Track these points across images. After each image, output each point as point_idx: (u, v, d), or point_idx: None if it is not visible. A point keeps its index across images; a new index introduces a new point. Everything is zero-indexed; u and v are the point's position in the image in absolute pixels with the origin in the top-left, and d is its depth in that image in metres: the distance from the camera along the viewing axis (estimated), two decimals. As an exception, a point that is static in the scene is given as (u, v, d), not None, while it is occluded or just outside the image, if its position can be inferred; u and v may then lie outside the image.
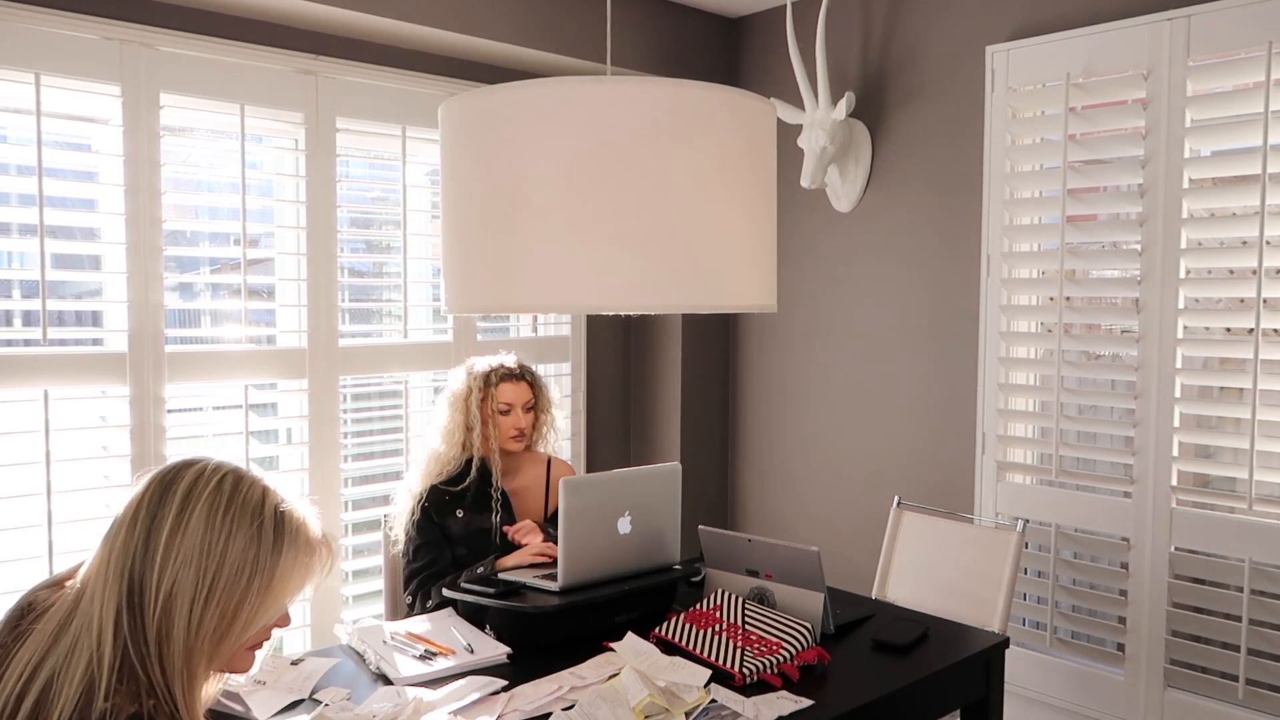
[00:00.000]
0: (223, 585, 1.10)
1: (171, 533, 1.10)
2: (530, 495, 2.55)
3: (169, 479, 1.14)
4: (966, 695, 2.07)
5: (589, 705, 1.62)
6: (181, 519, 1.11)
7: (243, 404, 2.73)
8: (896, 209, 3.19)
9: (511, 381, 2.48)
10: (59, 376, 2.45)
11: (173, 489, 1.13)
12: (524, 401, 2.48)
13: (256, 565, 1.12)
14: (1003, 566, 2.53)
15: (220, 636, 1.12)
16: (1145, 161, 2.57)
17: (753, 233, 1.73)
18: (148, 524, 1.11)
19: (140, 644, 1.07)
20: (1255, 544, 2.43)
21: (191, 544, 1.10)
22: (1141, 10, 2.58)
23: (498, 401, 2.45)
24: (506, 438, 2.46)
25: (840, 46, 3.29)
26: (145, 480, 1.16)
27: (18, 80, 2.37)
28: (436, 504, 2.41)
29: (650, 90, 1.60)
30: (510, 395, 2.46)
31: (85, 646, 1.06)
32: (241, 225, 2.71)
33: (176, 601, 1.08)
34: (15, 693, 1.05)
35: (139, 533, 1.11)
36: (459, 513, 2.41)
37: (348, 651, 1.99)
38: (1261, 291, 2.38)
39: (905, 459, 3.20)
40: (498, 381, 2.47)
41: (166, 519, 1.11)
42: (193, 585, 1.09)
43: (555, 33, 3.11)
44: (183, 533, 1.10)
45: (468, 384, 2.47)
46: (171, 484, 1.14)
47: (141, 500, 1.13)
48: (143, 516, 1.12)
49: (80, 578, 1.14)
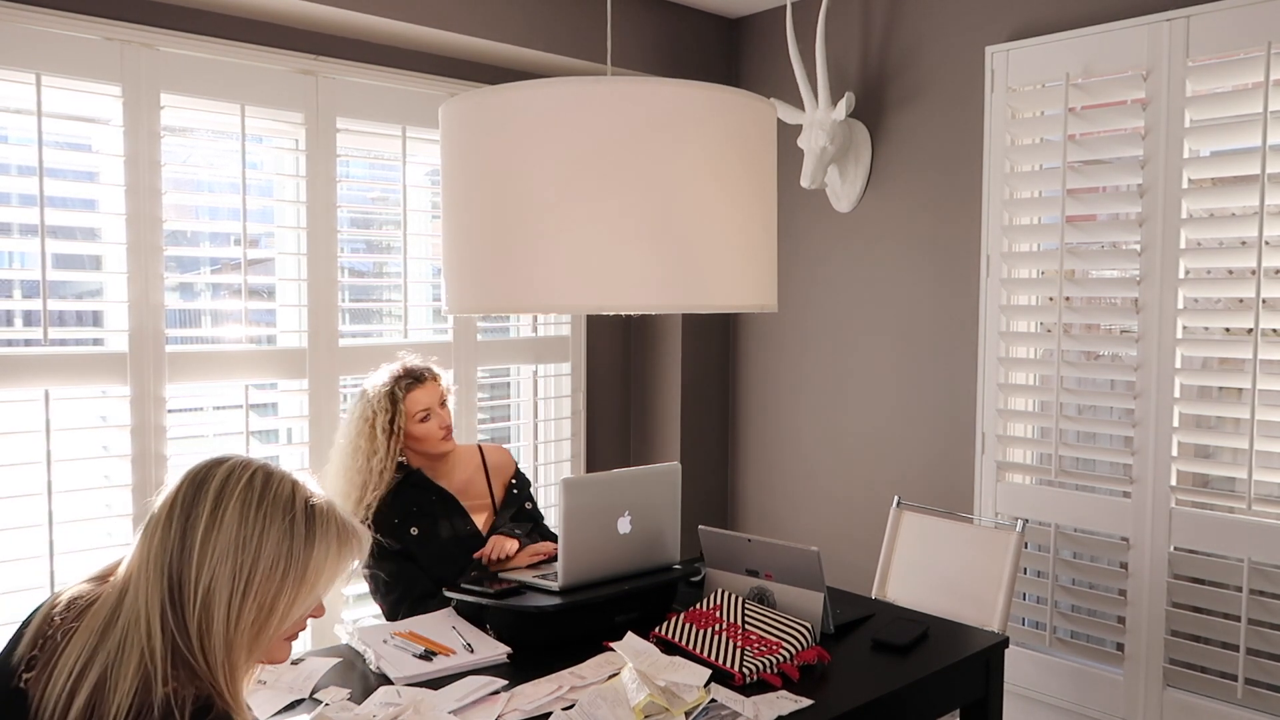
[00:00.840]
0: (259, 579, 1.13)
1: (207, 530, 1.13)
2: (470, 487, 2.47)
3: (201, 477, 1.17)
4: (966, 695, 2.07)
5: (589, 705, 1.62)
6: (216, 516, 1.14)
7: (243, 404, 2.73)
8: (896, 209, 3.19)
9: (419, 387, 2.35)
10: (59, 376, 2.45)
11: (205, 487, 1.16)
12: (438, 400, 2.37)
13: (291, 558, 1.15)
14: (1002, 566, 2.53)
15: (259, 628, 1.14)
16: (1145, 162, 2.57)
17: (753, 233, 1.73)
18: (183, 522, 1.14)
19: (184, 637, 1.10)
20: (1254, 544, 2.43)
21: (227, 540, 1.13)
22: (1141, 10, 2.59)
23: (413, 414, 2.32)
24: (436, 440, 2.35)
25: (840, 46, 3.29)
26: (178, 479, 1.19)
27: (18, 80, 2.37)
28: (386, 528, 2.29)
29: (650, 90, 1.60)
30: (424, 400, 2.34)
31: (135, 641, 1.09)
32: (242, 225, 2.71)
33: (215, 597, 1.11)
34: (67, 690, 1.07)
35: (175, 530, 1.14)
36: (412, 530, 2.32)
37: (348, 651, 2.00)
38: (1260, 291, 2.39)
39: (905, 459, 3.20)
40: (405, 392, 2.33)
41: (201, 516, 1.14)
42: (230, 580, 1.12)
43: (555, 33, 3.11)
44: (218, 529, 1.13)
45: (368, 412, 2.31)
46: (204, 482, 1.16)
47: (175, 498, 1.16)
48: (178, 515, 1.15)
49: (121, 574, 1.17)
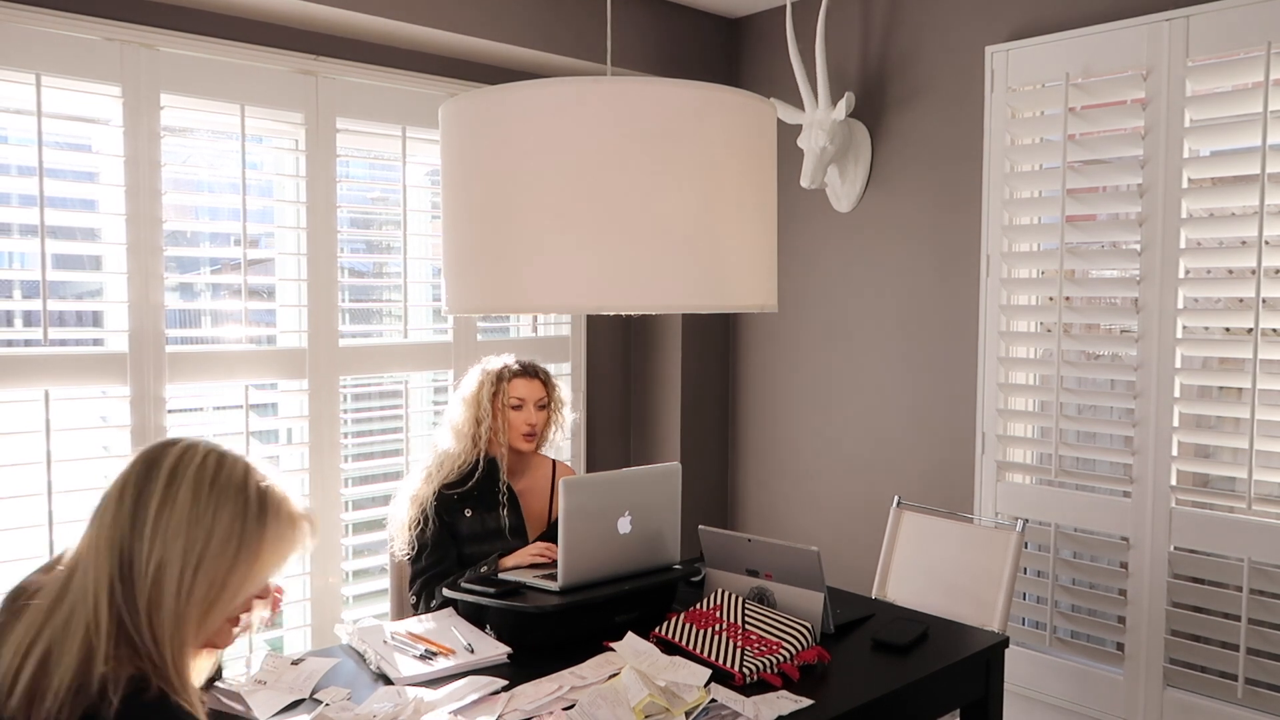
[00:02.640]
0: (210, 557, 1.14)
1: (160, 507, 1.14)
2: (535, 496, 2.55)
3: (154, 456, 1.18)
4: (966, 695, 2.07)
5: (589, 705, 1.62)
6: (169, 494, 1.14)
7: (243, 404, 2.73)
8: (896, 209, 3.19)
9: (525, 378, 2.47)
10: (60, 377, 2.45)
11: (159, 465, 1.16)
12: (537, 398, 2.47)
13: (243, 538, 1.16)
14: (1002, 566, 2.53)
15: (208, 606, 1.15)
16: (1145, 161, 2.57)
17: (753, 233, 1.74)
18: (134, 499, 1.15)
19: (132, 614, 1.11)
20: (1254, 543, 2.43)
21: (179, 518, 1.13)
22: (1141, 10, 2.59)
23: (510, 396, 2.44)
24: (518, 434, 2.44)
25: (840, 46, 3.29)
26: (131, 459, 1.20)
27: (18, 81, 2.37)
28: (444, 504, 2.40)
29: (650, 90, 1.60)
30: (523, 390, 2.45)
31: (81, 617, 1.09)
32: (242, 225, 2.71)
33: (166, 573, 1.12)
34: (15, 666, 1.08)
35: (127, 508, 1.14)
36: (467, 512, 2.41)
37: (348, 651, 2.00)
38: (1260, 291, 2.39)
39: (905, 459, 3.20)
40: (510, 377, 2.46)
41: (154, 495, 1.14)
42: (180, 557, 1.12)
43: (555, 33, 3.11)
44: (170, 507, 1.14)
45: (480, 379, 2.47)
46: (157, 461, 1.17)
47: (128, 478, 1.17)
48: (130, 493, 1.15)
49: (70, 556, 1.17)
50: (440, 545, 2.37)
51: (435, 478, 2.42)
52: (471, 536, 2.40)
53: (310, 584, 2.89)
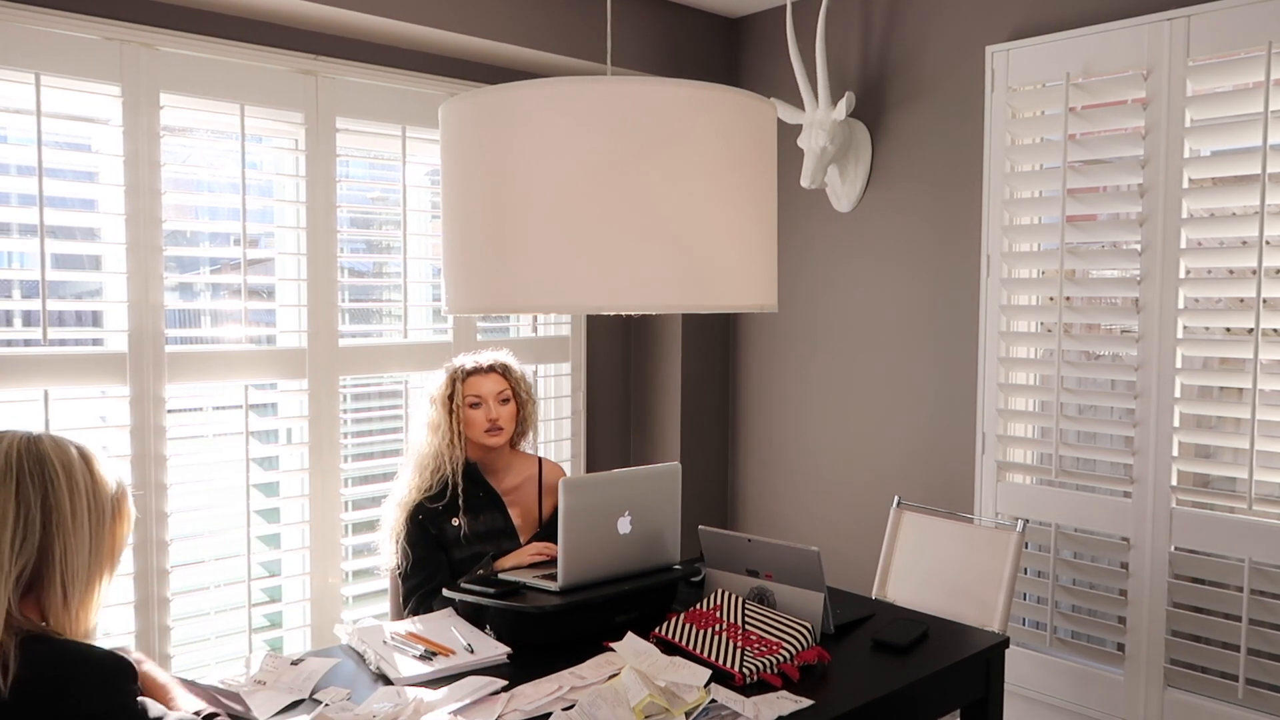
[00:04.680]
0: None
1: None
2: (523, 496, 2.53)
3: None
4: (966, 695, 2.07)
5: (589, 705, 1.62)
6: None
7: (243, 404, 2.73)
8: (896, 209, 3.19)
9: (479, 374, 2.46)
10: (59, 376, 2.45)
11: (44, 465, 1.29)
12: (496, 393, 2.44)
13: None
14: (1003, 566, 2.53)
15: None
16: (1145, 161, 2.57)
17: (753, 233, 1.73)
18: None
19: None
20: (1255, 544, 2.43)
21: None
22: (1141, 10, 2.58)
23: (466, 395, 2.42)
24: (480, 431, 2.41)
25: (840, 46, 3.29)
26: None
27: (18, 80, 2.37)
28: (429, 516, 2.37)
29: (650, 90, 1.60)
30: (479, 388, 2.43)
31: None
32: (241, 225, 2.71)
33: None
34: None
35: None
36: (454, 520, 2.39)
37: (348, 651, 1.99)
38: (1261, 291, 2.38)
39: (905, 459, 3.20)
40: (465, 376, 2.45)
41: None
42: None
43: (555, 33, 3.11)
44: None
45: (438, 383, 2.46)
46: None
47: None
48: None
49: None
50: (429, 559, 2.35)
51: (417, 481, 2.40)
52: (460, 542, 2.38)
53: (310, 584, 2.89)
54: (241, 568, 2.73)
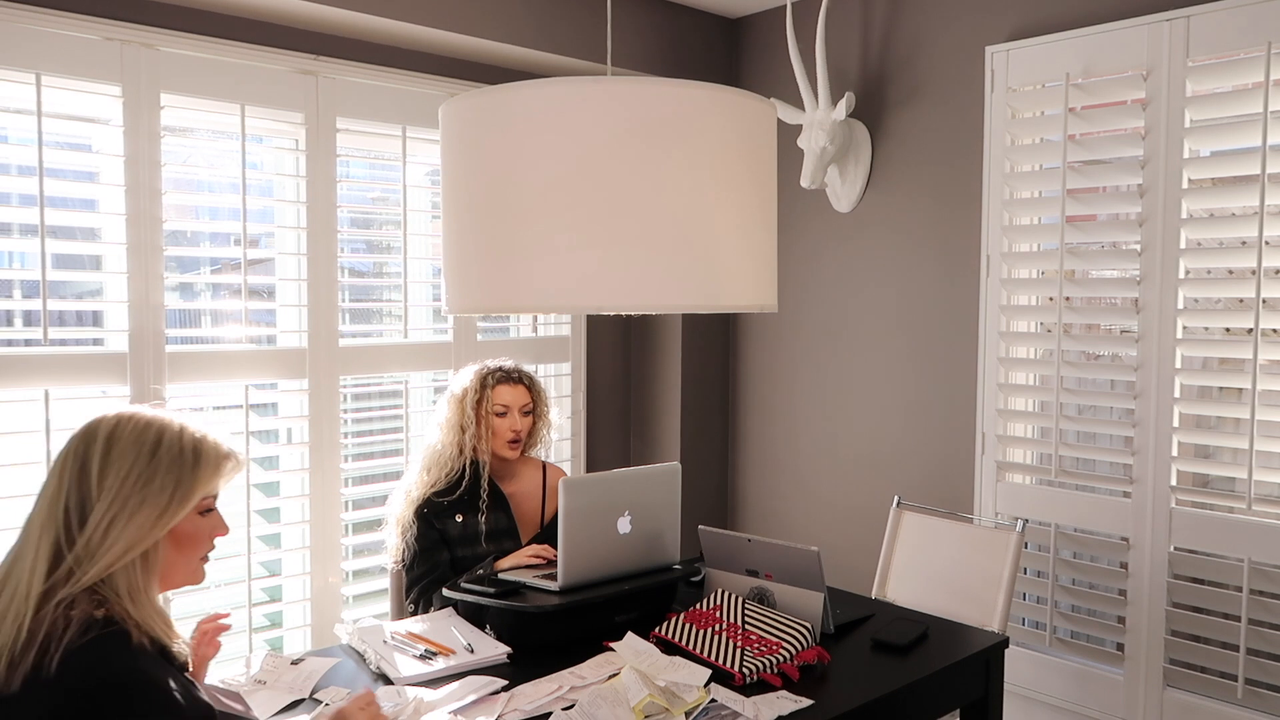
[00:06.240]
0: (153, 491, 1.27)
1: (102, 466, 1.26)
2: (526, 499, 2.55)
3: (90, 429, 1.31)
4: (966, 695, 2.07)
5: (589, 705, 1.62)
6: (109, 454, 1.27)
7: (243, 404, 2.73)
8: (896, 209, 3.19)
9: (509, 384, 2.46)
10: (60, 376, 2.45)
11: (96, 434, 1.29)
12: (521, 405, 2.46)
13: (180, 471, 1.29)
14: (1002, 566, 2.54)
15: (148, 534, 1.27)
16: (1145, 162, 2.57)
17: (753, 233, 1.73)
18: (77, 468, 1.27)
19: (81, 565, 1.23)
20: (1254, 544, 2.43)
21: (122, 474, 1.26)
22: (1141, 10, 2.59)
23: (494, 403, 2.43)
24: (502, 442, 2.44)
25: (840, 46, 3.29)
26: (67, 440, 1.31)
27: (18, 80, 2.37)
28: (435, 510, 2.40)
29: (650, 90, 1.60)
30: (507, 397, 2.45)
31: (20, 589, 1.22)
32: (242, 225, 2.71)
33: (109, 511, 1.24)
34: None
35: (69, 477, 1.27)
36: (458, 517, 2.41)
37: (348, 651, 2.00)
38: (1261, 291, 2.39)
39: (905, 459, 3.20)
40: (494, 384, 2.45)
41: (95, 457, 1.27)
42: (125, 496, 1.25)
43: (555, 33, 3.11)
44: (111, 463, 1.26)
45: (465, 384, 2.47)
46: (94, 431, 1.30)
47: (68, 454, 1.29)
48: (71, 464, 1.28)
49: (18, 536, 1.30)
50: (433, 552, 2.37)
51: (427, 477, 2.43)
52: (462, 541, 2.40)
53: (310, 584, 2.89)
54: (242, 567, 2.73)
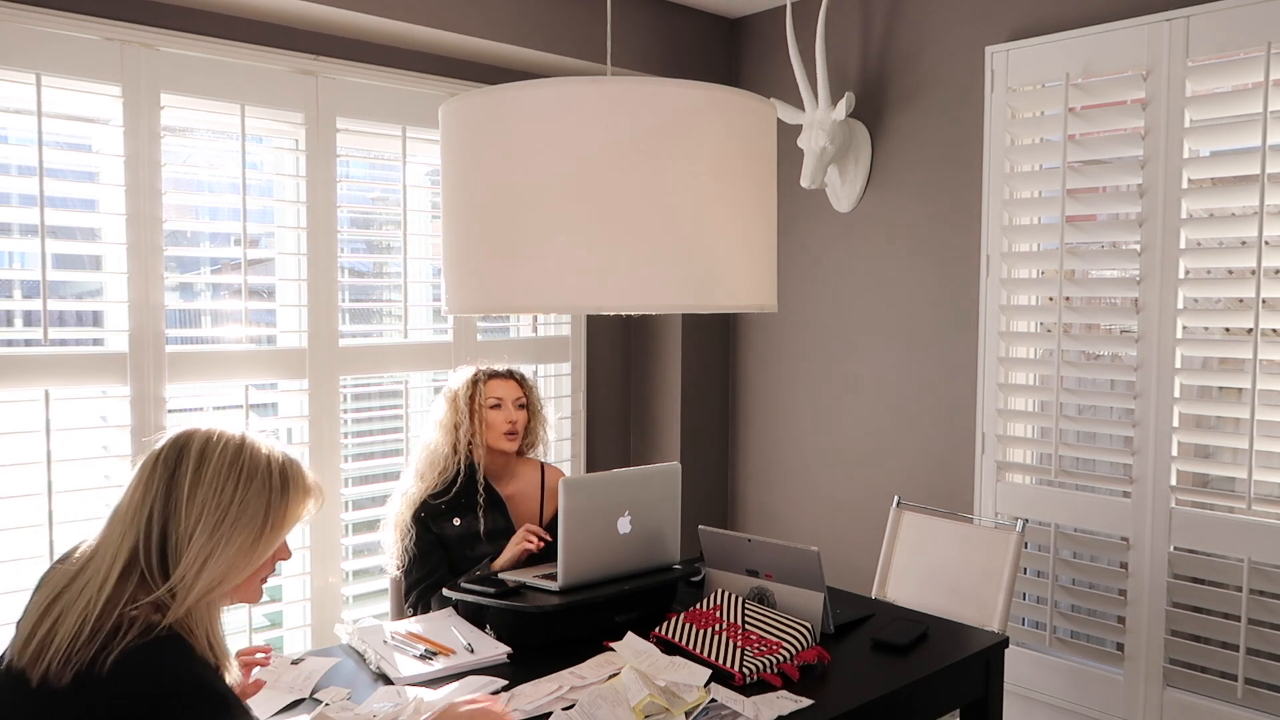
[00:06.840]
0: (241, 527, 1.29)
1: (192, 485, 1.28)
2: (525, 500, 2.55)
3: (181, 442, 1.32)
4: (966, 695, 2.07)
5: (589, 705, 1.62)
6: (200, 474, 1.29)
7: (243, 404, 2.73)
8: (896, 209, 3.19)
9: (500, 379, 2.53)
10: (60, 376, 2.45)
11: (188, 449, 1.31)
12: (514, 398, 2.51)
13: (269, 509, 1.32)
14: (1002, 566, 2.54)
15: (239, 567, 1.30)
16: (1144, 162, 2.57)
17: (753, 233, 1.74)
18: (166, 478, 1.29)
19: (157, 575, 1.25)
20: (1254, 544, 2.43)
21: (210, 494, 1.28)
22: (1141, 10, 2.59)
23: (487, 396, 2.48)
24: (499, 434, 2.47)
25: (840, 46, 3.29)
26: (157, 445, 1.33)
27: (18, 80, 2.37)
28: (432, 514, 2.41)
29: (650, 90, 1.60)
30: (499, 391, 2.50)
31: (94, 582, 1.23)
32: (242, 225, 2.71)
33: (197, 541, 1.26)
34: (32, 622, 1.23)
35: (158, 484, 1.29)
36: (455, 520, 2.42)
37: (348, 651, 2.00)
38: (1260, 291, 2.39)
39: (905, 459, 3.20)
40: (486, 379, 2.51)
41: (186, 473, 1.29)
42: (213, 528, 1.27)
43: (555, 33, 3.11)
44: (202, 485, 1.29)
45: (459, 383, 2.52)
46: (186, 445, 1.32)
47: (158, 458, 1.31)
48: (160, 473, 1.29)
49: (101, 530, 1.31)
50: (431, 555, 2.38)
51: (425, 478, 2.45)
52: (460, 542, 2.41)
53: (310, 584, 2.89)
54: (242, 567, 2.73)
